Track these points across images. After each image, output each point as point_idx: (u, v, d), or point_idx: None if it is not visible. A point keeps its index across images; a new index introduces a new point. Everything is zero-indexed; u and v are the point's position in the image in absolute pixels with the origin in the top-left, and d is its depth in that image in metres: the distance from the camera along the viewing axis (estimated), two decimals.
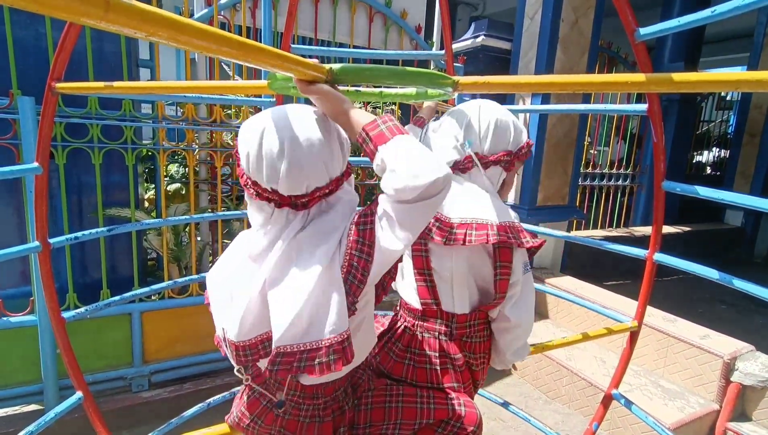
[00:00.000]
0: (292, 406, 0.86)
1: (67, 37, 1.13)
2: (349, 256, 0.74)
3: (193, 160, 2.43)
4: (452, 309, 1.05)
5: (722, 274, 1.32)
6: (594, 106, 1.96)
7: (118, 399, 2.32)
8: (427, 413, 0.92)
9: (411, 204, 0.68)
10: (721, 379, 2.19)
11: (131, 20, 0.41)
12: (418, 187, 0.66)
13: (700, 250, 4.85)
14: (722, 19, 1.10)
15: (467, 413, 0.95)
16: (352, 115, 0.77)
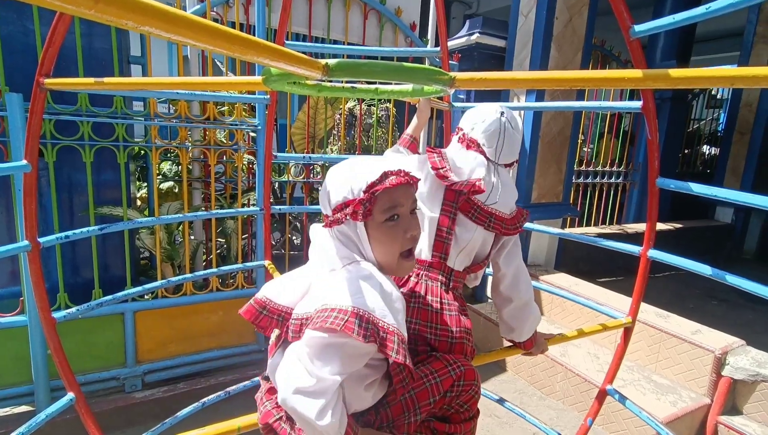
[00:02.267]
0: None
1: (55, 32, 1.11)
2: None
3: (186, 157, 2.40)
4: (453, 265, 1.24)
5: (715, 270, 1.33)
6: (589, 103, 1.97)
7: (111, 400, 2.29)
8: (437, 388, 0.98)
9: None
10: (712, 373, 2.21)
11: (122, 10, 0.40)
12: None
13: (691, 247, 4.90)
14: (716, 16, 1.11)
15: (466, 371, 1.02)
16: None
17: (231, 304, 2.59)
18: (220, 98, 2.12)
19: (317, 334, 0.79)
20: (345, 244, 0.91)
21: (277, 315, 0.91)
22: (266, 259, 2.03)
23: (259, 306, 0.92)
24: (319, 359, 0.78)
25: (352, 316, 0.77)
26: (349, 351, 0.80)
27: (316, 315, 0.80)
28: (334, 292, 0.82)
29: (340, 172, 0.90)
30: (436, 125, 4.19)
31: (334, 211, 0.88)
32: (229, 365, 2.64)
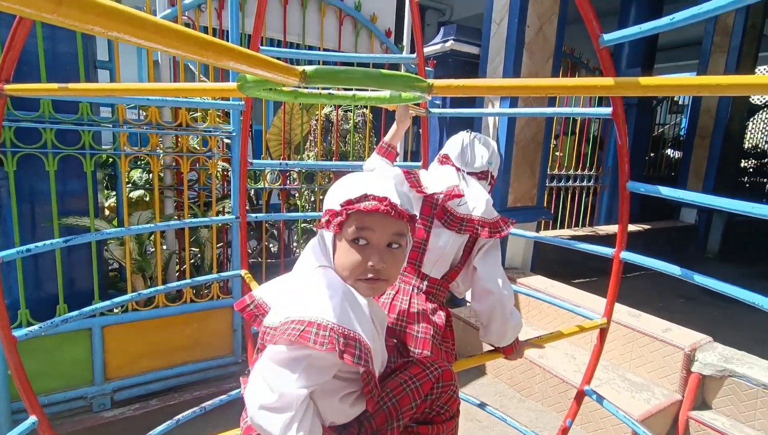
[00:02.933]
0: None
1: (15, 36, 1.06)
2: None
3: (157, 165, 2.33)
4: (429, 272, 1.34)
5: (684, 270, 1.37)
6: (560, 109, 2.01)
7: (78, 420, 2.18)
8: (417, 392, 0.99)
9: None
10: (682, 370, 2.29)
11: (86, 14, 0.38)
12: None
13: (659, 247, 5.08)
14: (680, 26, 1.15)
15: (443, 372, 1.03)
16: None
17: (206, 316, 2.51)
18: (192, 104, 2.06)
19: (277, 347, 0.78)
20: (321, 249, 0.92)
21: (260, 313, 0.90)
22: (243, 268, 1.98)
23: (249, 300, 0.93)
24: (281, 373, 0.77)
25: (309, 325, 0.76)
26: (312, 362, 0.78)
27: (277, 327, 0.79)
28: (296, 302, 0.82)
29: (341, 181, 0.93)
30: (412, 130, 4.21)
31: (323, 215, 0.90)
32: (205, 379, 2.55)
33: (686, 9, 1.09)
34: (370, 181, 0.88)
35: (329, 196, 0.91)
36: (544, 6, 3.39)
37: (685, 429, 2.25)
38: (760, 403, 2.08)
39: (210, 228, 2.58)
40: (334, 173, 3.17)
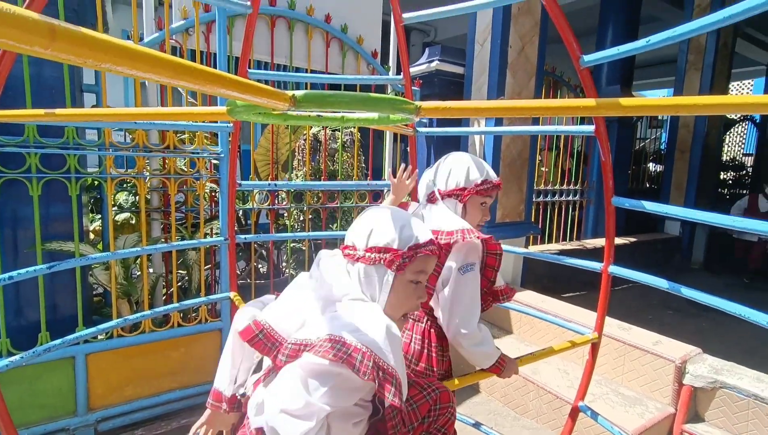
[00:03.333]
0: None
1: (2, 62, 1.05)
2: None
3: (144, 188, 2.30)
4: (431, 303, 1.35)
5: (671, 283, 1.40)
6: (545, 127, 2.06)
7: None
8: (415, 415, 0.99)
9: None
10: (674, 382, 2.30)
11: (80, 48, 0.38)
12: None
13: (645, 259, 5.16)
14: (655, 48, 1.20)
15: (441, 394, 1.04)
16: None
17: (194, 340, 2.46)
18: (180, 127, 2.06)
19: (317, 359, 0.78)
20: (362, 283, 0.91)
21: (270, 343, 0.88)
22: (231, 291, 1.95)
23: (257, 329, 0.89)
24: (313, 384, 0.78)
25: (356, 351, 0.77)
26: (343, 384, 0.79)
27: (319, 342, 0.79)
28: (341, 325, 0.82)
29: (388, 217, 0.94)
30: (400, 148, 4.26)
31: (369, 250, 0.90)
32: (193, 406, 2.48)
33: (661, 30, 1.14)
34: (420, 226, 0.96)
35: (378, 233, 0.91)
36: (525, 27, 3.50)
37: None
38: (752, 414, 2.10)
39: (198, 250, 2.54)
40: (323, 192, 3.17)
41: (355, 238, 0.94)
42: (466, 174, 1.35)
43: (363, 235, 0.92)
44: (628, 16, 5.26)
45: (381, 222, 0.93)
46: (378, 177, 3.91)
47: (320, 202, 3.18)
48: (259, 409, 0.88)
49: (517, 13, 3.42)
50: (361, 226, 0.95)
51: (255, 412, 0.89)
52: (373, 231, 0.92)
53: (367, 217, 0.96)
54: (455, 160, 1.38)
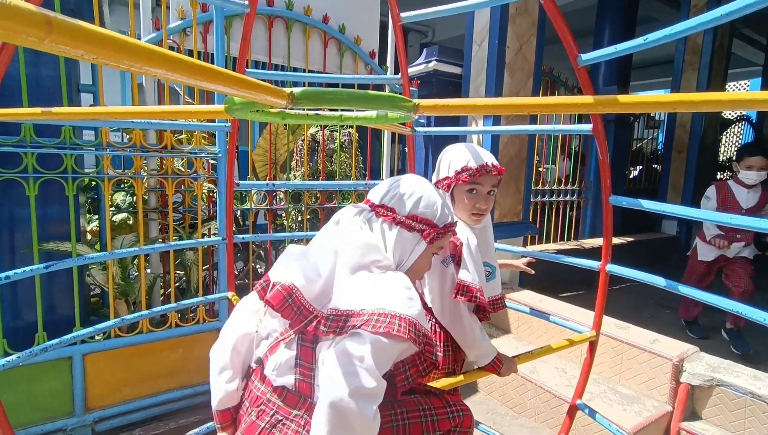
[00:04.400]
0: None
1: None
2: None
3: (141, 188, 2.30)
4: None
5: (669, 281, 1.40)
6: (543, 127, 2.07)
7: None
8: (432, 426, 0.97)
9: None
10: (671, 380, 2.30)
11: (77, 41, 0.38)
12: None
13: (642, 259, 5.17)
14: (652, 46, 1.21)
15: (464, 417, 1.03)
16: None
17: (192, 340, 2.45)
18: (178, 126, 2.06)
19: (380, 338, 0.81)
20: (394, 245, 0.96)
21: (297, 307, 0.88)
22: (229, 291, 1.95)
23: (286, 293, 0.89)
24: (380, 362, 0.81)
25: (410, 324, 0.82)
26: (400, 354, 0.88)
27: (373, 318, 0.82)
28: (388, 297, 0.86)
29: (431, 191, 1.01)
30: (398, 149, 4.26)
31: (411, 217, 0.96)
32: (191, 406, 2.47)
33: (658, 30, 1.14)
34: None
35: (423, 204, 0.98)
36: (523, 27, 3.51)
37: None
38: (749, 411, 2.10)
39: (196, 250, 2.54)
40: (321, 192, 3.17)
41: (396, 202, 0.97)
42: (449, 163, 1.34)
43: (407, 201, 0.97)
44: (625, 16, 5.28)
45: (426, 194, 0.99)
46: (376, 177, 3.91)
47: (318, 203, 3.18)
48: (282, 369, 0.89)
49: (515, 14, 3.43)
50: (404, 192, 0.98)
51: (278, 373, 0.89)
52: (419, 200, 0.97)
53: (411, 184, 0.99)
54: (446, 151, 1.39)
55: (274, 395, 0.88)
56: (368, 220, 0.98)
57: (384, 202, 0.98)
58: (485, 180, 1.32)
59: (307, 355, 0.87)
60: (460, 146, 1.36)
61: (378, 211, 0.97)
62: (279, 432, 0.85)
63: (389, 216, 0.96)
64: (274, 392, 0.89)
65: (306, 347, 0.88)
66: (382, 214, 0.97)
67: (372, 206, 0.99)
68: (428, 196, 0.99)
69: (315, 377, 0.86)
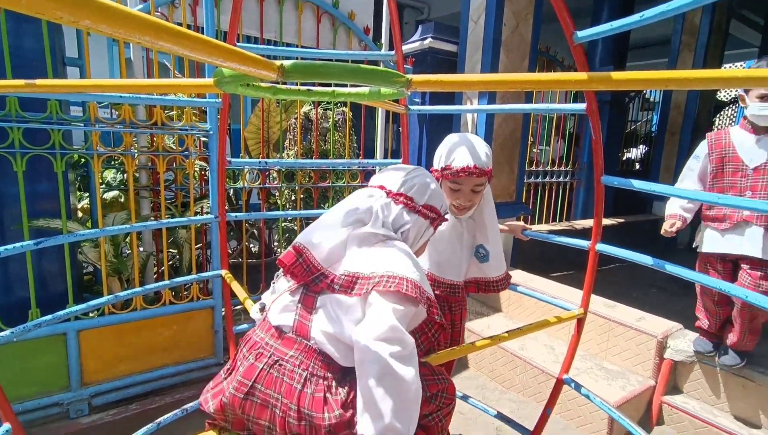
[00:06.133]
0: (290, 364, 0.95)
1: None
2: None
3: (132, 165, 2.27)
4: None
5: (656, 260, 1.42)
6: (537, 105, 2.06)
7: (54, 428, 2.12)
8: (424, 389, 1.03)
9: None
10: (655, 357, 2.37)
11: (56, 3, 0.37)
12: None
13: (633, 240, 5.23)
14: (648, 24, 1.19)
15: (449, 385, 1.12)
16: None
17: (186, 317, 2.47)
18: (167, 102, 2.02)
19: (394, 305, 0.89)
20: (412, 231, 1.09)
21: (306, 265, 0.99)
22: (223, 269, 1.95)
23: (297, 253, 1.00)
24: (404, 324, 0.90)
25: (416, 286, 0.91)
26: (409, 317, 0.95)
27: (383, 279, 0.91)
28: (396, 263, 0.95)
29: (438, 185, 1.16)
30: (392, 128, 4.23)
31: (426, 207, 1.10)
32: (186, 381, 2.51)
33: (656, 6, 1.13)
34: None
35: (434, 195, 1.13)
36: (520, 5, 3.45)
37: (658, 413, 2.33)
38: (727, 385, 2.18)
39: (188, 229, 2.53)
40: (315, 172, 3.15)
41: (415, 192, 1.10)
42: (440, 156, 1.43)
43: (425, 193, 1.10)
44: None
45: (437, 188, 1.15)
46: (370, 156, 3.89)
47: (312, 182, 3.16)
48: (283, 310, 1.00)
49: None
50: (422, 184, 1.11)
51: (279, 313, 1.00)
52: (433, 193, 1.12)
53: (426, 177, 1.14)
54: (444, 141, 1.45)
55: (272, 339, 0.97)
56: (386, 205, 1.08)
57: (403, 191, 1.09)
58: (466, 181, 1.38)
59: (309, 302, 0.97)
60: (455, 140, 1.41)
61: (397, 199, 1.08)
62: (276, 371, 0.92)
63: (409, 204, 1.08)
64: (272, 336, 0.96)
65: (309, 296, 0.98)
66: (402, 201, 1.08)
67: (389, 193, 1.09)
68: (438, 189, 1.15)
69: (312, 321, 0.95)
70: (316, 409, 0.88)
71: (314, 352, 0.93)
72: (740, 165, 1.92)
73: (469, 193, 1.41)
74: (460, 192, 1.41)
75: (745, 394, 2.13)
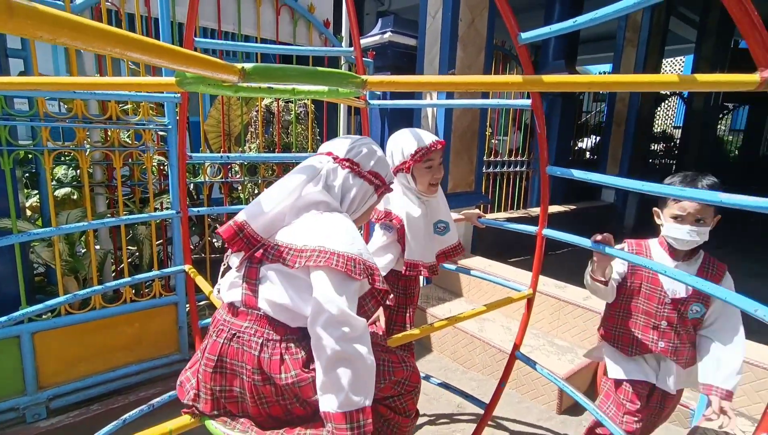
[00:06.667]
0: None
1: None
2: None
3: (86, 161, 2.21)
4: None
5: (594, 243, 1.57)
6: (487, 101, 2.16)
7: (10, 433, 2.06)
8: (388, 374, 1.12)
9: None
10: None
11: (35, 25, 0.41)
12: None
13: (582, 225, 5.55)
14: (583, 27, 1.31)
15: (413, 374, 1.18)
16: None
17: (148, 315, 2.44)
18: (122, 97, 1.98)
19: (339, 282, 0.94)
20: (356, 196, 1.12)
21: (246, 239, 1.03)
22: (186, 264, 1.96)
23: (237, 228, 1.03)
24: (353, 300, 0.96)
25: (349, 259, 0.95)
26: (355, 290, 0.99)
27: (314, 254, 0.94)
28: (330, 236, 0.98)
29: (383, 155, 1.20)
30: (354, 121, 4.27)
31: (371, 173, 1.14)
32: (151, 379, 2.49)
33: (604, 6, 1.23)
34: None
35: (380, 164, 1.16)
36: (475, 0, 3.56)
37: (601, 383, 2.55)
38: None
39: (148, 225, 2.49)
40: (278, 165, 3.16)
41: (361, 158, 1.13)
42: (402, 150, 1.57)
43: (371, 159, 1.14)
44: None
45: (383, 156, 1.19)
46: None
47: (275, 175, 3.17)
48: (232, 286, 1.05)
49: None
50: (369, 151, 1.14)
51: (229, 289, 1.05)
52: (379, 160, 1.15)
53: (373, 145, 1.17)
54: (392, 141, 1.61)
55: (228, 315, 1.02)
56: (333, 170, 1.11)
57: (350, 156, 1.11)
58: (435, 155, 1.58)
59: (253, 274, 1.01)
60: (406, 133, 1.58)
61: (343, 164, 1.11)
62: (236, 344, 0.98)
63: (355, 169, 1.11)
64: (228, 312, 1.02)
65: (252, 268, 1.02)
66: (348, 166, 1.11)
67: (336, 159, 1.12)
68: (384, 158, 1.19)
69: (258, 292, 1.00)
70: (273, 370, 0.94)
71: (266, 319, 0.98)
72: (658, 291, 1.56)
73: (439, 166, 1.60)
74: (433, 167, 1.58)
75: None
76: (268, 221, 1.04)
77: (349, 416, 0.86)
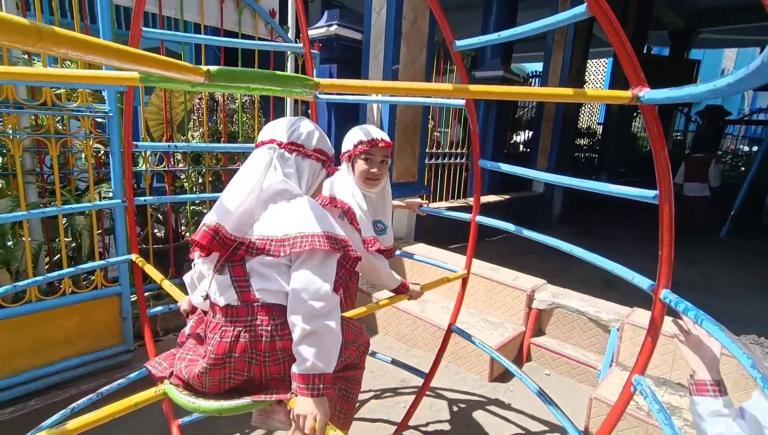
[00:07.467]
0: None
1: None
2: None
3: (18, 148, 2.10)
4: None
5: (517, 227, 1.80)
6: (425, 99, 2.33)
7: None
8: (355, 337, 1.29)
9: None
10: (525, 307, 2.91)
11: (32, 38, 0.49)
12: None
13: (516, 213, 6.03)
14: (507, 41, 1.51)
15: (366, 337, 1.38)
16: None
17: (89, 307, 2.39)
18: (59, 84, 1.92)
19: (318, 261, 1.04)
20: (303, 174, 1.18)
21: (222, 241, 1.05)
22: (133, 253, 1.96)
23: (213, 232, 1.05)
24: (330, 279, 1.05)
25: (327, 237, 1.05)
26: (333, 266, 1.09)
27: (297, 240, 1.03)
28: (304, 221, 1.06)
29: (322, 132, 1.25)
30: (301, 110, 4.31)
31: (317, 151, 1.20)
32: (94, 371, 2.44)
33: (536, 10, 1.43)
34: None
35: (321, 141, 1.22)
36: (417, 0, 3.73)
37: (527, 352, 2.89)
38: (576, 325, 2.78)
39: (87, 215, 2.42)
40: (223, 154, 3.15)
41: (304, 139, 1.18)
42: (351, 139, 1.68)
43: (312, 138, 1.19)
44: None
45: (321, 132, 1.24)
46: None
47: (221, 165, 3.16)
48: (223, 291, 1.06)
49: None
50: (308, 131, 1.19)
51: (220, 295, 1.07)
52: (320, 137, 1.21)
53: (309, 124, 1.22)
54: (348, 133, 1.71)
55: (228, 316, 1.05)
56: (281, 156, 1.16)
57: (293, 139, 1.17)
58: (376, 151, 1.66)
59: (239, 271, 1.06)
60: (359, 127, 1.70)
61: (289, 148, 1.16)
62: (244, 338, 1.04)
63: (302, 151, 1.17)
64: (227, 314, 1.05)
65: (236, 266, 1.06)
66: (294, 149, 1.16)
67: (281, 145, 1.16)
68: (323, 134, 1.25)
69: (252, 286, 1.05)
70: (287, 348, 1.04)
71: (266, 307, 1.05)
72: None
73: (378, 163, 1.67)
74: (371, 161, 1.65)
75: (585, 329, 2.76)
76: (238, 220, 1.08)
77: (311, 379, 1.00)
